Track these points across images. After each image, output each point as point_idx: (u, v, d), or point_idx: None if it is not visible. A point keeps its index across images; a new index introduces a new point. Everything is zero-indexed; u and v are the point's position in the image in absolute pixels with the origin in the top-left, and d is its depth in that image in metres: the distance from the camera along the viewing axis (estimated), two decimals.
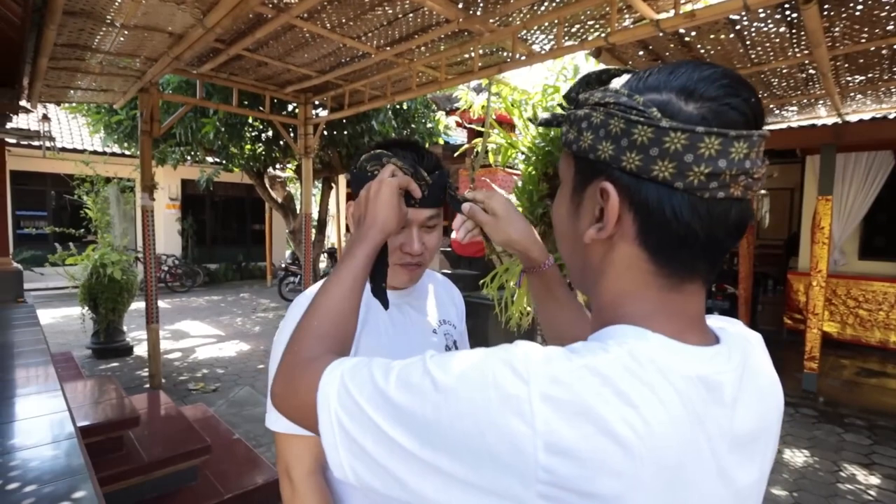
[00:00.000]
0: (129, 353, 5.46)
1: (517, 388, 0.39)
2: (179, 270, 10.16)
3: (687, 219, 0.43)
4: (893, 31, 2.58)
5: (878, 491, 3.01)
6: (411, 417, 0.42)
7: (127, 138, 5.98)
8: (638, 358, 0.41)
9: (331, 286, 0.65)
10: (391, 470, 0.43)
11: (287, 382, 0.55)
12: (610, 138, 0.45)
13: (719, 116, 0.42)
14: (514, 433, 0.38)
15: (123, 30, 2.93)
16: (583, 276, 0.54)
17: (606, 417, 0.38)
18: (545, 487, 0.37)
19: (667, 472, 0.39)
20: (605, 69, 0.51)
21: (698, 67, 0.44)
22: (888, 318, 5.55)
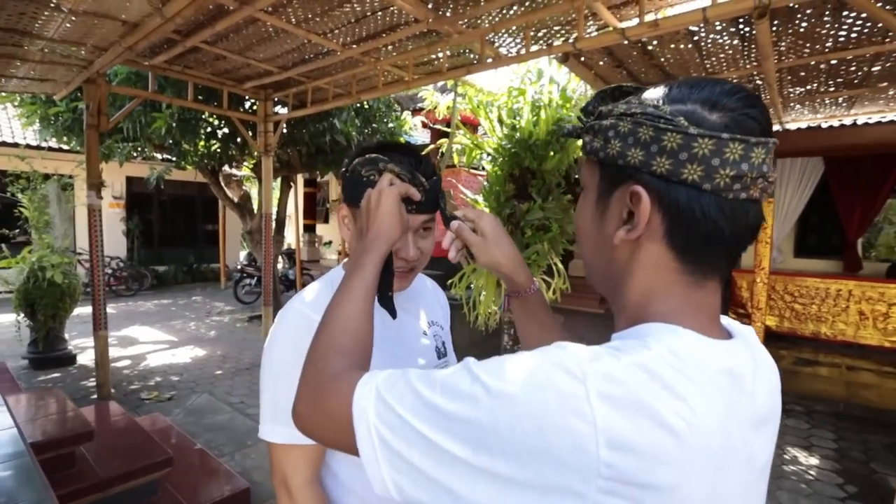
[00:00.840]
0: (73, 363, 5.09)
1: (574, 388, 0.40)
2: (125, 273, 9.57)
3: (715, 217, 0.46)
4: (832, 48, 2.81)
5: (818, 471, 3.26)
6: (464, 425, 0.42)
7: (66, 132, 5.56)
8: (677, 354, 0.44)
9: (344, 300, 0.64)
10: (441, 481, 0.43)
11: (313, 401, 0.54)
12: (639, 145, 0.48)
13: (740, 125, 0.46)
14: (575, 432, 0.39)
15: (71, 15, 2.73)
16: (607, 276, 0.56)
17: (660, 411, 0.40)
18: (606, 482, 0.39)
19: (712, 458, 0.42)
20: (618, 86, 0.55)
21: (718, 83, 0.48)
22: (820, 311, 6.00)
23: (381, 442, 0.46)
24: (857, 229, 6.10)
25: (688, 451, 0.40)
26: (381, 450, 0.46)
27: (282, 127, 5.20)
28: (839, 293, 5.86)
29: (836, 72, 3.22)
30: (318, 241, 11.91)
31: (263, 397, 0.83)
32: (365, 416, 0.47)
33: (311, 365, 0.58)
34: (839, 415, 4.22)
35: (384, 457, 0.46)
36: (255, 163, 6.98)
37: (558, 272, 3.92)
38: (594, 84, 3.43)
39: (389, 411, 0.46)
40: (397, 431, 0.45)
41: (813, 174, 6.02)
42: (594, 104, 0.56)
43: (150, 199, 11.06)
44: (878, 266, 6.43)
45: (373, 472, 0.47)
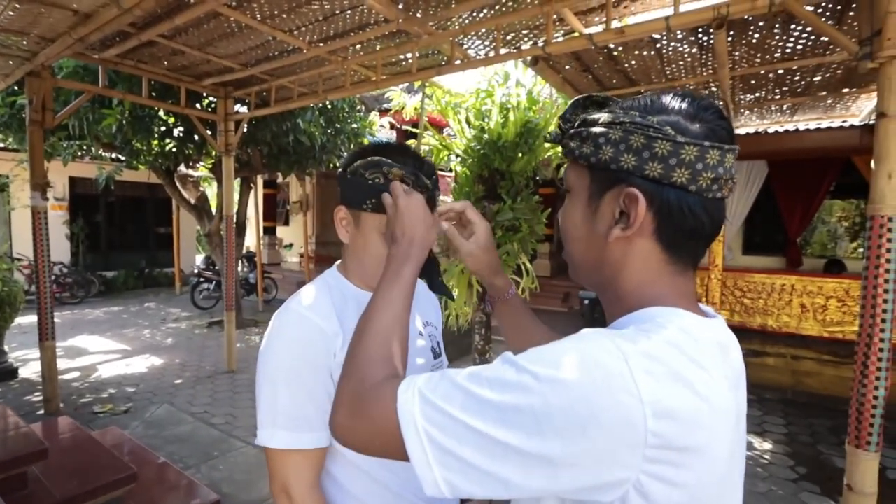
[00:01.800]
0: (14, 377, 4.72)
1: (620, 367, 0.44)
2: (69, 279, 8.96)
3: (699, 214, 0.54)
4: (780, 58, 3.00)
5: (772, 455, 3.47)
6: (517, 413, 0.44)
7: (3, 128, 5.18)
8: (689, 331, 0.50)
9: (383, 310, 0.64)
10: (495, 473, 0.45)
11: (356, 412, 0.54)
12: (631, 151, 0.53)
13: (716, 134, 0.53)
14: (624, 407, 0.43)
15: (14, 2, 2.55)
16: (599, 271, 0.60)
17: (692, 380, 0.46)
18: (652, 451, 0.43)
19: (728, 419, 0.50)
20: (589, 96, 0.61)
21: (693, 97, 0.55)
22: (766, 305, 6.38)
23: (432, 443, 0.47)
24: (797, 228, 6.53)
25: (714, 413, 0.46)
26: (431, 451, 0.47)
27: (243, 126, 5.03)
28: (783, 288, 6.25)
29: (782, 81, 3.45)
30: (278, 243, 11.59)
31: (261, 402, 0.81)
32: (412, 420, 0.48)
33: (351, 376, 0.58)
34: (787, 401, 4.51)
35: (435, 457, 0.47)
36: (213, 163, 6.71)
37: (527, 272, 3.99)
38: (561, 87, 3.52)
39: (437, 412, 0.47)
40: (448, 430, 0.46)
41: (758, 176, 6.39)
42: (572, 112, 0.61)
43: (96, 200, 10.42)
44: (816, 262, 6.91)
45: (424, 474, 0.47)
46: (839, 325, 5.71)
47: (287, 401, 0.79)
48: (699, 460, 0.45)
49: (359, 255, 0.89)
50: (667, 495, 0.44)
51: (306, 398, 0.79)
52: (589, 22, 2.89)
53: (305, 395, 0.79)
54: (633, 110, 0.55)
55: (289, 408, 0.78)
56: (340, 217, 0.89)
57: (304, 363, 0.79)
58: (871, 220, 1.97)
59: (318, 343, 0.80)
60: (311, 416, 0.79)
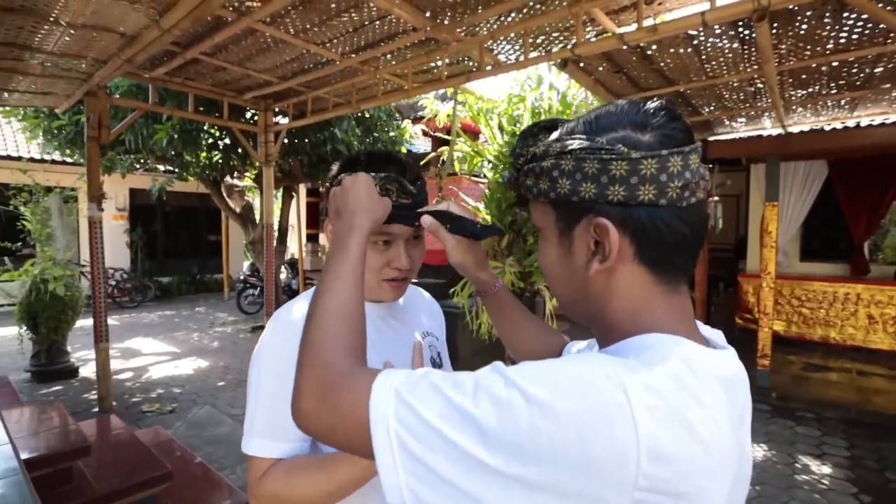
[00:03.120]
0: (75, 375, 5.07)
1: (618, 397, 0.40)
2: (128, 285, 9.58)
3: (677, 226, 0.50)
4: (833, 50, 2.78)
5: (831, 480, 3.18)
6: (500, 433, 0.40)
7: (69, 145, 5.60)
8: (691, 364, 0.45)
9: (333, 285, 0.61)
10: (467, 489, 0.41)
11: (322, 399, 0.51)
12: (588, 179, 0.50)
13: (671, 139, 0.50)
14: (618, 441, 0.39)
15: (69, 29, 2.75)
16: (585, 306, 0.57)
17: (692, 420, 0.42)
18: (641, 493, 0.39)
19: (730, 461, 0.45)
20: (535, 124, 0.59)
21: (637, 105, 0.52)
22: (828, 315, 5.93)
23: (402, 448, 0.43)
24: (863, 232, 6.03)
25: (713, 458, 0.42)
26: (400, 456, 0.43)
27: (282, 137, 5.21)
28: (847, 297, 5.79)
29: (837, 74, 3.20)
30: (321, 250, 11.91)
31: (247, 407, 0.81)
32: (384, 420, 0.45)
33: (311, 359, 0.55)
34: (851, 421, 4.13)
35: (403, 463, 0.43)
36: (256, 173, 7.00)
37: None
38: (594, 89, 3.42)
39: (413, 415, 0.44)
40: (421, 437, 0.43)
41: (817, 177, 5.97)
42: (521, 146, 0.58)
43: (153, 210, 11.11)
44: (885, 269, 6.34)
45: (388, 479, 0.44)
46: None
47: (266, 408, 0.78)
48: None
49: None
50: None
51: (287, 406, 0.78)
52: (621, 21, 2.79)
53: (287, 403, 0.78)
54: (579, 134, 0.51)
55: (269, 415, 0.78)
56: (329, 230, 0.89)
57: (289, 371, 0.79)
58: None
59: None
60: (289, 426, 0.78)
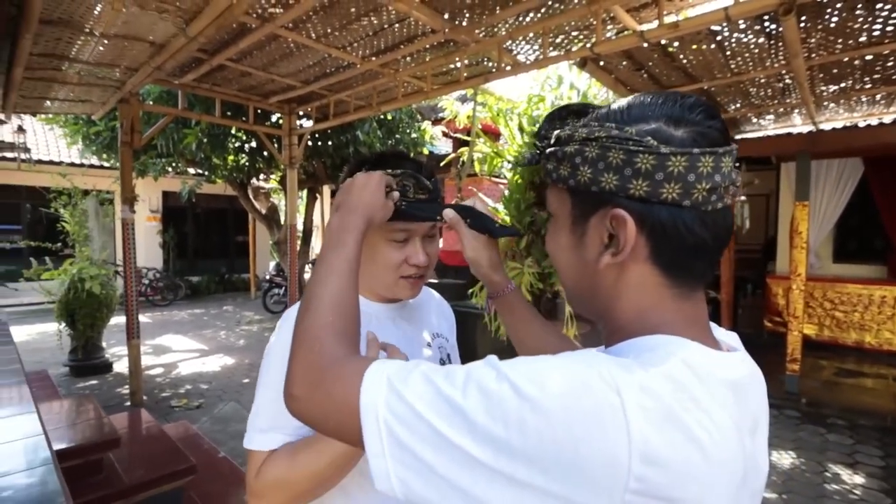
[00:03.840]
0: (109, 370, 5.29)
1: (610, 398, 0.39)
2: (161, 284, 9.92)
3: (698, 231, 0.47)
4: (866, 43, 2.68)
5: (864, 490, 3.06)
6: (488, 426, 0.40)
7: (106, 150, 5.85)
8: (692, 365, 0.44)
9: (328, 276, 0.61)
10: (455, 480, 0.41)
11: (314, 386, 0.51)
12: (611, 169, 0.48)
13: (706, 137, 0.47)
14: (609, 443, 0.38)
15: (103, 39, 2.87)
16: (593, 301, 0.55)
17: (689, 424, 0.40)
18: (633, 496, 0.38)
19: (731, 469, 0.43)
20: (565, 106, 0.57)
21: (674, 97, 0.49)
22: (863, 319, 5.69)
23: (391, 436, 0.44)
24: None
25: (711, 464, 0.40)
26: (389, 444, 0.44)
27: (306, 140, 5.31)
28: (884, 300, 5.54)
29: (871, 68, 3.07)
30: None
31: (253, 405, 0.83)
32: (374, 408, 0.45)
33: (305, 345, 0.55)
34: (886, 430, 3.96)
35: (392, 452, 0.44)
36: (281, 175, 7.16)
37: None
38: (614, 88, 3.37)
39: (403, 404, 0.44)
40: (411, 426, 0.43)
41: (851, 176, 5.73)
42: (547, 128, 0.56)
43: (184, 212, 11.48)
44: None
45: (377, 466, 0.44)
46: None
47: (271, 405, 0.78)
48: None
49: (367, 266, 0.88)
50: None
51: None
52: (642, 18, 2.75)
53: None
54: (609, 121, 0.49)
55: (272, 412, 0.78)
56: None
57: None
58: None
59: None
60: (292, 423, 0.78)
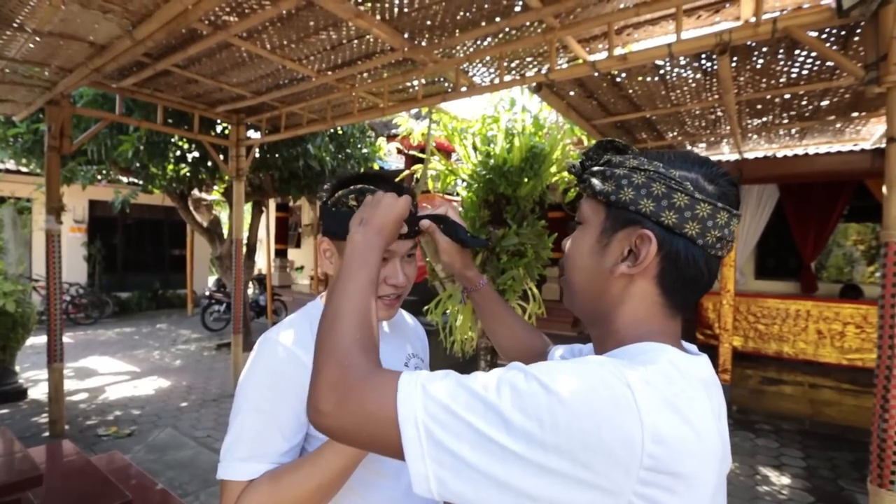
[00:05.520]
0: (23, 397, 4.75)
1: (623, 391, 0.47)
2: (84, 300, 9.10)
3: (702, 267, 0.59)
4: (785, 83, 2.99)
5: (790, 490, 3.31)
6: (522, 421, 0.46)
7: (26, 154, 5.34)
8: (676, 366, 0.53)
9: (354, 292, 0.63)
10: (491, 474, 0.46)
11: (344, 399, 0.53)
12: (651, 197, 0.58)
13: (727, 198, 0.59)
14: (627, 427, 0.45)
15: (35, 36, 2.66)
16: (596, 303, 0.64)
17: (682, 409, 0.48)
18: (646, 473, 0.45)
19: (714, 449, 0.51)
20: (610, 140, 0.66)
21: (710, 162, 0.61)
22: (781, 331, 6.22)
23: (430, 439, 0.47)
24: (811, 252, 6.40)
25: (702, 443, 0.49)
26: (428, 447, 0.47)
27: (254, 151, 5.14)
28: (798, 313, 6.09)
29: (789, 105, 3.43)
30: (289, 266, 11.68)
31: (229, 432, 0.78)
32: (412, 414, 0.49)
33: (333, 360, 0.56)
34: (805, 433, 4.33)
35: (431, 454, 0.47)
36: (225, 187, 6.84)
37: (534, 297, 3.95)
38: (566, 113, 3.54)
39: (440, 408, 0.48)
40: (448, 427, 0.47)
41: (769, 200, 6.32)
42: (596, 151, 0.66)
43: (113, 223, 10.66)
44: (832, 287, 6.73)
45: (417, 469, 0.48)
46: (858, 353, 5.53)
47: (253, 432, 0.76)
48: (687, 487, 0.47)
49: None
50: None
51: (274, 432, 0.77)
52: (592, 49, 2.92)
53: (275, 429, 0.77)
54: (658, 161, 0.60)
55: (253, 439, 0.76)
56: (324, 249, 0.89)
57: (280, 394, 0.78)
58: (886, 247, 1.91)
59: (296, 375, 0.78)
60: (274, 452, 0.76)
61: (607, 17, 2.48)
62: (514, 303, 3.84)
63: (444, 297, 4.02)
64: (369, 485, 0.83)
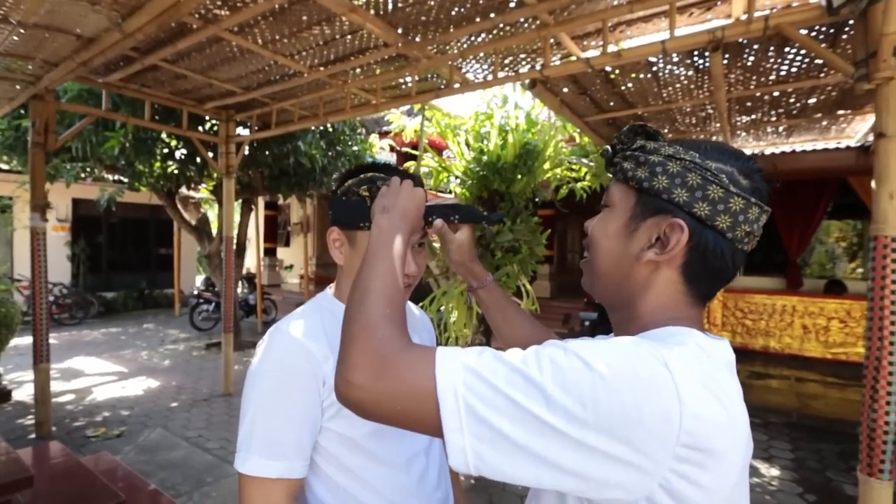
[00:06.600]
0: (7, 399, 4.65)
1: (661, 369, 0.48)
2: (68, 300, 8.91)
3: (728, 259, 0.59)
4: (775, 81, 3.03)
5: (780, 482, 3.37)
6: (562, 396, 0.46)
7: (8, 151, 5.23)
8: (704, 349, 0.54)
9: (383, 270, 0.63)
10: (530, 447, 0.46)
11: (380, 371, 0.51)
12: (686, 187, 0.58)
13: (759, 193, 0.59)
14: (666, 403, 0.46)
15: (19, 28, 2.59)
16: (620, 288, 0.64)
17: (714, 389, 0.50)
18: (682, 449, 0.46)
19: (742, 428, 0.52)
20: (642, 125, 0.65)
21: (747, 157, 0.61)
22: (768, 326, 6.32)
23: (469, 411, 0.47)
24: (796, 248, 6.52)
25: (733, 422, 0.50)
26: (466, 419, 0.47)
27: (244, 148, 5.07)
28: (784, 308, 6.19)
29: (777, 103, 3.48)
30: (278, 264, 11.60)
31: (242, 424, 0.78)
32: (452, 387, 0.48)
33: (366, 333, 0.54)
34: (793, 425, 4.41)
35: (469, 426, 0.47)
36: (214, 185, 6.75)
37: (527, 293, 3.96)
38: (559, 110, 3.55)
39: (480, 381, 0.48)
40: (488, 401, 0.47)
41: None
42: (628, 136, 0.66)
43: (98, 221, 10.46)
44: (816, 282, 6.86)
45: (454, 441, 0.48)
46: (842, 347, 5.64)
47: (265, 426, 0.76)
48: (718, 464, 0.48)
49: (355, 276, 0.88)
50: (690, 496, 0.47)
51: (286, 423, 0.76)
52: (586, 46, 2.93)
53: (286, 420, 0.76)
54: (693, 150, 0.59)
55: (266, 433, 0.76)
56: (333, 238, 0.88)
57: (290, 388, 0.77)
58: (875, 241, 1.95)
59: (305, 367, 0.77)
60: (287, 443, 0.76)
61: (601, 13, 2.49)
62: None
63: (439, 293, 4.02)
64: (380, 475, 0.83)
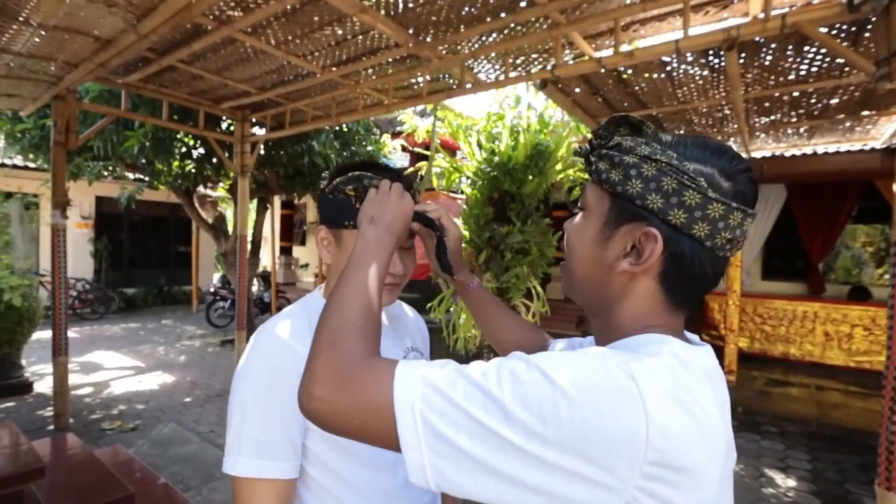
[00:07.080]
0: (29, 391, 4.79)
1: (628, 383, 0.45)
2: (90, 296, 9.15)
3: (707, 269, 0.56)
4: (794, 81, 2.95)
5: (796, 493, 3.28)
6: (523, 412, 0.44)
7: (34, 149, 5.38)
8: (679, 357, 0.51)
9: (360, 281, 0.61)
10: (489, 464, 0.44)
11: (341, 385, 0.51)
12: (661, 193, 0.54)
13: (743, 196, 0.54)
14: (631, 419, 0.44)
15: (40, 30, 2.67)
16: (597, 295, 0.62)
17: (686, 402, 0.47)
18: (650, 467, 0.44)
19: (718, 443, 0.50)
20: (624, 115, 0.61)
21: (730, 154, 0.56)
22: (788, 332, 6.16)
23: (426, 427, 0.46)
24: (819, 253, 6.33)
25: (707, 436, 0.48)
26: (424, 435, 0.46)
27: (259, 148, 5.14)
28: (805, 315, 6.03)
29: (798, 103, 3.39)
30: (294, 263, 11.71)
31: (230, 426, 0.78)
32: (409, 402, 0.47)
33: (330, 346, 0.54)
34: (812, 435, 4.28)
35: (427, 442, 0.46)
36: (230, 184, 6.86)
37: (537, 295, 3.93)
38: (571, 110, 3.51)
39: (439, 396, 0.46)
40: (446, 416, 0.46)
41: (777, 200, 6.24)
42: (606, 130, 0.61)
43: (120, 219, 10.72)
44: (839, 288, 6.66)
45: (412, 457, 0.46)
46: (866, 355, 5.47)
47: (254, 426, 0.76)
48: (692, 481, 0.46)
49: None
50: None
51: (275, 424, 0.76)
52: (598, 45, 2.89)
53: (275, 421, 0.76)
54: (671, 150, 0.55)
55: (256, 434, 0.75)
56: (321, 237, 0.88)
57: (277, 388, 0.77)
58: (895, 247, 1.88)
59: (291, 368, 0.77)
60: (277, 444, 0.76)
61: (613, 12, 2.45)
62: (518, 301, 3.82)
63: (448, 294, 4.01)
64: (364, 480, 0.82)
